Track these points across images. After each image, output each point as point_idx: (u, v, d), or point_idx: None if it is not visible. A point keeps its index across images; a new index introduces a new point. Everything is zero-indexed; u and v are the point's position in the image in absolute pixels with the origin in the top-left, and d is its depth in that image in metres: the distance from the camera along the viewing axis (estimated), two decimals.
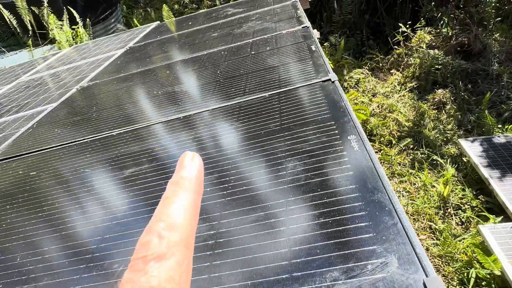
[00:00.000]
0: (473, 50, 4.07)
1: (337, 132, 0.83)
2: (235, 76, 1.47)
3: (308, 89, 1.09)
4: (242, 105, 1.17)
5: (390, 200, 0.58)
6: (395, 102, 3.66)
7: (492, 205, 2.47)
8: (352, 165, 0.70)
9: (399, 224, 0.53)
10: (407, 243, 0.50)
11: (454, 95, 3.66)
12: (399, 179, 2.93)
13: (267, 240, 0.59)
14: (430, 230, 2.53)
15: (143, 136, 1.24)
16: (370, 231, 0.54)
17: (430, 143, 3.15)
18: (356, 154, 0.72)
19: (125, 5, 7.56)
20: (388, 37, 4.72)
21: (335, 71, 4.21)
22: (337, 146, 0.78)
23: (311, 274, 0.50)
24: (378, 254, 0.50)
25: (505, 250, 2.01)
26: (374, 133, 3.37)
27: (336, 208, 0.61)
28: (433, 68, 3.92)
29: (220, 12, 3.02)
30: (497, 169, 2.51)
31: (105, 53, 3.01)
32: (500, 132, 2.96)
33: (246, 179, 0.78)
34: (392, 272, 0.47)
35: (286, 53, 1.51)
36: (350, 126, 0.83)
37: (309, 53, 1.42)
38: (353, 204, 0.60)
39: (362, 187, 0.63)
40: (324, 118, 0.90)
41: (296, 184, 0.70)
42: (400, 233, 0.52)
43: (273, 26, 2.03)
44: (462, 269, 2.20)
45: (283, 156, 0.81)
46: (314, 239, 0.56)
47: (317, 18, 5.65)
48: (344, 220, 0.58)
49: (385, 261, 0.49)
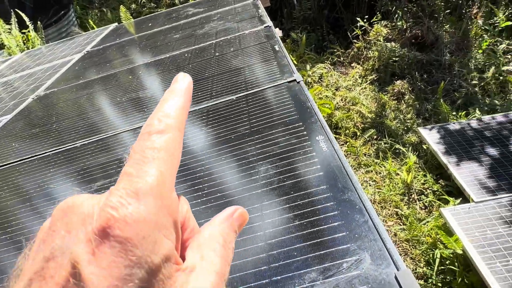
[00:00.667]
0: (426, 41, 4.29)
1: (306, 133, 0.85)
2: (200, 79, 1.46)
3: (275, 91, 1.11)
4: (210, 109, 1.17)
5: (360, 198, 0.61)
6: (358, 95, 3.79)
7: (451, 188, 2.63)
8: (322, 166, 0.72)
9: (369, 221, 0.56)
10: (378, 239, 0.53)
11: (412, 85, 3.84)
12: (365, 169, 3.04)
13: (245, 246, 0.60)
14: (396, 216, 2.65)
15: (110, 146, 1.20)
16: (343, 230, 0.56)
17: (392, 132, 3.29)
18: (325, 154, 0.75)
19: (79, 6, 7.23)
20: (347, 31, 4.86)
21: (299, 67, 4.29)
22: (307, 148, 0.80)
23: (290, 277, 0.52)
24: (352, 252, 0.52)
25: (465, 230, 2.16)
26: (339, 126, 3.47)
27: (309, 209, 0.63)
28: (391, 60, 4.09)
29: (180, 12, 2.97)
30: (454, 154, 2.68)
31: (61, 59, 2.88)
32: (454, 119, 3.15)
33: (220, 185, 0.78)
34: (366, 269, 0.49)
35: (251, 54, 1.52)
36: (318, 127, 0.85)
37: (273, 54, 1.44)
38: (325, 204, 0.62)
39: (333, 187, 0.66)
40: (292, 119, 0.92)
41: (269, 187, 0.71)
42: (371, 230, 0.54)
43: (235, 26, 2.03)
44: (428, 251, 2.33)
45: (254, 160, 0.82)
46: (290, 242, 0.57)
47: (278, 15, 5.70)
48: (318, 221, 0.60)
49: (359, 258, 0.51)
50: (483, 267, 1.96)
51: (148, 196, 0.21)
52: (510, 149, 2.61)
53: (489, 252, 2.03)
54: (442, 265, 2.22)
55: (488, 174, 2.47)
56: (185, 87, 0.27)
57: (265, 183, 0.73)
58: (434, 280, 2.19)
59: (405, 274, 0.46)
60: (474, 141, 2.74)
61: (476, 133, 2.80)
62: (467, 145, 2.71)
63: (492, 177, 2.44)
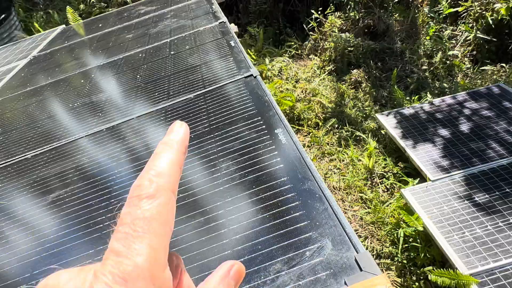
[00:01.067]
0: (378, 30, 4.45)
1: (265, 127, 0.85)
2: (157, 79, 1.42)
3: (232, 87, 1.11)
4: (168, 109, 1.14)
5: (319, 187, 0.62)
6: (317, 86, 3.87)
7: (410, 170, 2.77)
8: (282, 158, 0.73)
9: (329, 208, 0.58)
10: (338, 225, 0.55)
11: (367, 73, 3.98)
12: (329, 158, 3.13)
13: (210, 245, 0.60)
14: (361, 201, 2.75)
15: (64, 155, 1.15)
16: (304, 219, 0.58)
17: (352, 120, 3.40)
18: (284, 146, 0.76)
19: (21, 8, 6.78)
20: (303, 24, 4.93)
21: (258, 61, 4.30)
22: (266, 141, 0.80)
23: (255, 271, 0.52)
24: (314, 240, 0.54)
25: (424, 208, 2.28)
26: (301, 117, 3.53)
27: (272, 202, 0.63)
28: (347, 50, 4.21)
29: (132, 11, 2.87)
30: (410, 137, 2.81)
31: (5, 66, 2.69)
32: (408, 103, 3.30)
33: (182, 185, 0.77)
34: (328, 254, 0.51)
35: (206, 51, 1.51)
36: (276, 120, 0.86)
37: (229, 49, 1.43)
38: (287, 196, 0.63)
39: (293, 178, 0.67)
40: (251, 114, 0.93)
41: (232, 184, 0.71)
42: (331, 216, 0.56)
43: (189, 24, 2.00)
44: (392, 231, 2.44)
45: (215, 158, 0.81)
46: (255, 236, 0.58)
47: (234, 10, 5.68)
48: (280, 213, 0.61)
49: (321, 245, 0.52)
50: (442, 241, 2.09)
51: (138, 280, 0.19)
52: (460, 129, 2.78)
53: (446, 226, 2.16)
54: (406, 243, 2.34)
55: (442, 153, 2.62)
56: (180, 138, 0.25)
57: (227, 180, 0.73)
58: (400, 258, 2.31)
59: (364, 256, 0.48)
60: (427, 123, 2.89)
61: (429, 116, 2.96)
62: (422, 128, 2.86)
63: (445, 156, 2.59)
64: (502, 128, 2.68)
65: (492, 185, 2.31)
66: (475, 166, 2.45)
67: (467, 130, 2.74)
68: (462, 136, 2.71)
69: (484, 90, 3.06)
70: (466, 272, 1.93)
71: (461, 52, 4.04)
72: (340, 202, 2.76)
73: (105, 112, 1.30)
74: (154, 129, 1.06)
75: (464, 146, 2.62)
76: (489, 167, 2.42)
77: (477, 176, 2.39)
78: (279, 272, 0.50)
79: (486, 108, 2.88)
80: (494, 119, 2.77)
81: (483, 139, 2.63)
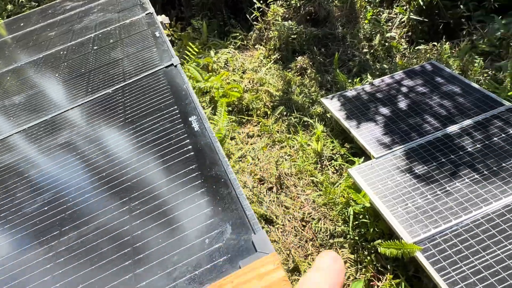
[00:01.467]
0: (320, 17, 4.53)
1: (179, 116, 0.82)
2: (76, 76, 1.32)
3: (152, 78, 1.05)
4: (84, 106, 1.07)
5: (225, 171, 0.60)
6: (264, 75, 3.87)
7: (356, 150, 2.86)
8: (193, 146, 0.70)
9: (232, 192, 0.55)
10: (239, 208, 0.53)
11: (312, 60, 4.04)
12: (280, 145, 3.15)
13: (107, 257, 0.55)
14: (313, 184, 2.80)
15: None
16: (209, 205, 0.55)
17: (300, 107, 3.45)
18: (197, 134, 0.73)
19: None
20: (246, 14, 4.90)
21: (204, 54, 4.21)
22: (179, 130, 0.77)
23: (156, 265, 0.49)
24: (215, 226, 0.51)
25: (369, 184, 2.36)
26: (250, 107, 3.52)
27: (178, 191, 0.60)
28: (290, 38, 4.24)
29: (57, 7, 2.67)
30: (354, 118, 2.90)
31: None
32: (351, 86, 3.40)
33: (92, 181, 0.72)
34: (227, 239, 0.48)
35: (130, 44, 1.43)
36: (191, 108, 0.83)
37: (153, 40, 1.37)
38: (194, 183, 0.60)
39: (201, 165, 0.64)
40: (168, 104, 0.88)
41: (140, 177, 0.67)
42: (233, 200, 0.54)
43: (116, 17, 1.89)
44: (343, 210, 2.51)
45: (128, 152, 0.76)
46: (157, 229, 0.54)
47: (176, 3, 5.52)
48: (186, 202, 0.58)
49: (221, 230, 0.50)
50: (387, 214, 2.18)
51: None
52: (398, 106, 2.91)
53: (391, 200, 2.26)
54: (356, 220, 2.42)
55: (384, 131, 2.73)
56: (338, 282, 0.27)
57: (136, 173, 0.68)
58: (351, 235, 2.38)
59: (259, 235, 0.46)
60: (369, 103, 3.00)
61: (370, 96, 3.07)
62: (364, 108, 2.96)
63: (387, 133, 2.70)
64: (436, 102, 2.83)
65: (430, 157, 2.45)
66: (414, 141, 2.58)
67: (405, 107, 2.88)
68: (401, 113, 2.83)
69: (418, 68, 3.23)
70: (410, 241, 2.03)
71: (398, 34, 4.22)
72: (292, 187, 2.79)
73: (17, 116, 1.20)
74: (68, 129, 0.99)
75: (403, 122, 2.75)
76: (426, 140, 2.56)
77: (416, 149, 2.52)
78: (175, 264, 0.47)
79: (421, 84, 3.04)
80: (428, 95, 2.92)
81: (419, 114, 2.78)
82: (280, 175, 2.84)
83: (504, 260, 1.89)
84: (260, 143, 3.18)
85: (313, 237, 2.49)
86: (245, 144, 3.20)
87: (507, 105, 2.64)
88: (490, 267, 1.88)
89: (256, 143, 3.20)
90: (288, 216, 2.62)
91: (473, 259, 1.92)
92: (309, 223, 2.56)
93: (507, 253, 1.92)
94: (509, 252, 1.91)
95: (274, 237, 2.50)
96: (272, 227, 2.56)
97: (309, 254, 2.40)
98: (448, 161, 2.39)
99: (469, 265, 1.91)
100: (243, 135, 3.29)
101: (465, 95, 2.82)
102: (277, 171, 2.86)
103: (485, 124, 2.56)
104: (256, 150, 3.10)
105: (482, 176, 2.26)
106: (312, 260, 2.37)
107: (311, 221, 2.55)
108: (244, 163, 2.96)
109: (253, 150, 3.11)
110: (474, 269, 1.89)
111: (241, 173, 2.89)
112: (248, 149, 3.12)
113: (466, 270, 1.89)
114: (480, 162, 2.34)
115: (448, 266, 1.92)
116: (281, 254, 2.41)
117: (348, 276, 2.27)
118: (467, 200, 2.17)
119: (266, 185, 2.84)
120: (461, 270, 1.89)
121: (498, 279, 1.83)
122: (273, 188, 2.81)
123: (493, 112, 2.62)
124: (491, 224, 2.04)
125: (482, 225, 2.05)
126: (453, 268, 1.91)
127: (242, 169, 2.92)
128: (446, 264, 1.93)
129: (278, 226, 2.57)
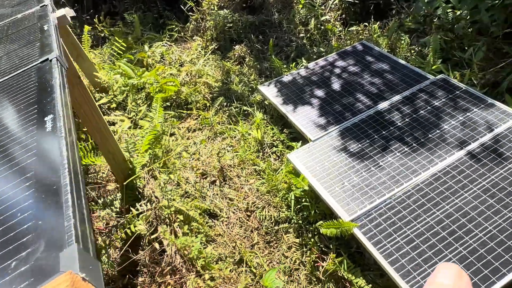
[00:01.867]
0: (255, 4, 4.47)
1: (36, 116, 0.72)
2: None
3: (22, 76, 0.93)
4: None
5: (61, 176, 0.52)
6: (202, 67, 3.76)
7: (295, 134, 2.86)
8: (38, 150, 0.61)
9: (61, 200, 0.48)
10: (61, 217, 0.45)
11: (250, 47, 3.99)
12: (221, 137, 3.08)
13: None
14: (256, 173, 2.77)
15: None
16: (31, 219, 0.47)
17: (239, 96, 3.39)
18: (47, 134, 0.64)
19: None
20: (181, 5, 4.73)
21: (138, 49, 4.01)
22: (32, 132, 0.67)
23: None
24: (28, 244, 0.43)
25: (308, 168, 2.37)
26: (189, 101, 3.41)
27: (3, 206, 0.51)
28: (227, 27, 4.15)
29: None
30: (290, 103, 2.89)
31: None
32: (287, 71, 3.39)
33: None
34: (36, 259, 0.41)
35: (16, 40, 1.28)
36: (51, 106, 0.73)
37: (39, 34, 1.23)
38: (23, 194, 0.52)
39: (40, 173, 0.55)
40: (30, 103, 0.78)
41: None
42: (58, 210, 0.47)
43: (9, 12, 1.70)
44: (286, 195, 2.51)
45: None
46: None
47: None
48: (9, 217, 0.49)
49: (34, 249, 0.42)
50: (325, 195, 2.20)
51: None
52: (332, 88, 2.94)
53: (328, 181, 2.28)
54: (299, 204, 2.42)
55: (319, 113, 2.75)
56: None
57: None
58: (295, 219, 2.38)
59: (69, 251, 0.39)
60: (304, 87, 3.00)
61: (305, 80, 3.07)
62: (300, 92, 2.96)
63: (322, 115, 2.72)
64: (367, 81, 2.90)
65: (363, 135, 2.50)
66: (348, 120, 2.62)
67: (339, 88, 2.91)
68: (335, 94, 2.87)
69: (350, 48, 3.28)
70: (348, 218, 2.07)
71: (332, 17, 4.27)
72: (236, 178, 2.74)
73: None
74: None
75: (337, 103, 2.79)
76: (359, 118, 2.61)
77: (350, 129, 2.56)
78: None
79: (353, 65, 3.09)
80: (360, 74, 2.98)
81: (352, 94, 2.82)
82: (222, 167, 2.78)
83: (433, 226, 1.98)
84: (201, 136, 3.09)
85: (258, 226, 2.47)
86: (186, 139, 3.09)
87: (431, 78, 2.75)
88: (421, 234, 1.96)
89: (197, 137, 3.11)
90: (233, 208, 2.57)
91: (406, 229, 1.99)
92: (253, 212, 2.53)
93: (436, 219, 2.01)
94: (438, 219, 2.01)
95: (219, 230, 2.44)
96: (217, 221, 2.51)
97: (255, 243, 2.38)
98: (380, 137, 2.45)
99: (403, 235, 1.97)
100: (183, 130, 3.18)
101: (394, 72, 2.91)
102: (219, 164, 2.79)
103: (412, 98, 2.66)
104: (197, 144, 3.01)
105: (411, 148, 2.34)
106: (258, 250, 2.34)
107: (256, 210, 2.53)
108: (186, 159, 2.87)
109: (194, 144, 3.01)
110: (407, 238, 1.96)
111: (183, 169, 2.80)
112: (189, 143, 3.02)
113: (400, 241, 1.96)
114: (409, 135, 2.43)
115: (383, 239, 1.98)
116: (226, 247, 2.36)
117: (295, 260, 2.28)
118: (399, 173, 2.24)
119: (209, 179, 2.77)
120: (396, 241, 1.96)
121: (428, 245, 1.91)
122: (216, 181, 2.74)
123: (419, 86, 2.73)
124: (420, 194, 2.12)
125: (412, 196, 2.12)
126: (388, 240, 1.97)
127: (183, 165, 2.82)
128: (382, 237, 1.98)
129: (222, 219, 2.52)
